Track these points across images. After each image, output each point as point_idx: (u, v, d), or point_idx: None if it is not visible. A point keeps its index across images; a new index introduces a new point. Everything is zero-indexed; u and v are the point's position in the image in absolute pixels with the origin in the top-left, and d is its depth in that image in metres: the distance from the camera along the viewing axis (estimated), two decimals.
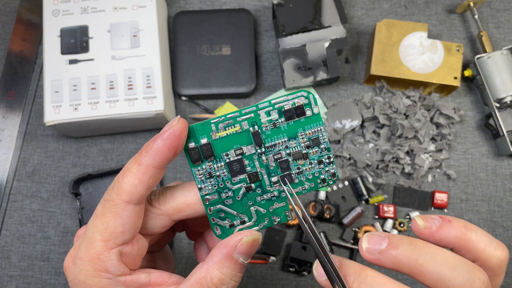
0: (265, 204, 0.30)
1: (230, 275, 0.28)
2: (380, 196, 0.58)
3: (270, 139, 0.29)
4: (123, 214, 0.27)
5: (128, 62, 0.54)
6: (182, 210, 0.29)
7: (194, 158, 0.29)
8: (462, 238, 0.26)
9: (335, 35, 0.57)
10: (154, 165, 0.27)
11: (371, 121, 0.59)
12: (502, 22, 0.63)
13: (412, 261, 0.25)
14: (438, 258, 0.25)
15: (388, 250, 0.26)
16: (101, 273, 0.27)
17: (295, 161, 0.29)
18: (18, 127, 0.60)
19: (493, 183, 0.59)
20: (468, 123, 0.61)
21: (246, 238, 0.28)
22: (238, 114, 0.28)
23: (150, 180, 0.27)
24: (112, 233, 0.27)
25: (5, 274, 0.56)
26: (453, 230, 0.26)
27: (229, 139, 0.29)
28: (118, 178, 0.28)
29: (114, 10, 0.55)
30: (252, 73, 0.59)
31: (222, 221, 0.30)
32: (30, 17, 0.63)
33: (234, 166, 0.29)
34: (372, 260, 0.26)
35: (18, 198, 0.58)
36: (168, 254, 0.36)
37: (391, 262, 0.25)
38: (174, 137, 0.27)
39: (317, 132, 0.29)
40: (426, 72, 0.58)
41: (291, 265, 0.54)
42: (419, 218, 0.27)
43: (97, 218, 0.28)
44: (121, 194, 0.27)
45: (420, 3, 0.64)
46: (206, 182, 0.29)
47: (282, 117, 0.29)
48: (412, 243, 0.26)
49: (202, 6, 0.63)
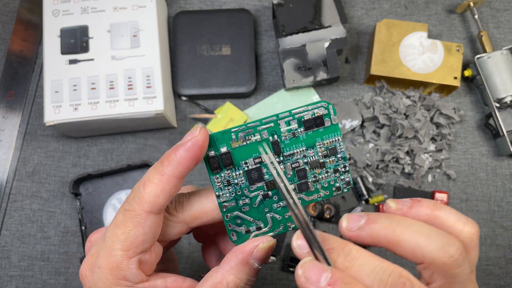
0: (281, 211, 0.30)
1: (245, 280, 0.29)
2: (380, 196, 0.58)
3: (289, 148, 0.29)
4: (144, 224, 0.27)
5: (128, 62, 0.54)
6: (199, 218, 0.30)
7: (214, 166, 0.29)
8: (431, 216, 0.27)
9: (335, 35, 0.57)
10: (177, 175, 0.27)
11: (371, 121, 0.59)
12: (502, 22, 0.63)
13: (389, 232, 0.26)
14: (414, 228, 0.26)
15: (367, 225, 0.26)
16: (121, 281, 0.28)
17: (312, 169, 0.30)
18: (18, 127, 0.60)
19: (493, 183, 0.59)
20: (468, 123, 0.61)
21: (262, 245, 0.29)
22: (258, 124, 0.29)
23: (172, 190, 0.27)
24: (133, 243, 0.27)
25: (5, 274, 0.56)
26: (423, 208, 0.27)
27: (248, 147, 0.29)
28: (139, 187, 0.28)
29: (114, 10, 0.55)
30: (252, 73, 0.59)
31: (238, 227, 0.30)
32: (30, 17, 0.63)
33: (253, 174, 0.29)
34: (352, 237, 0.27)
35: (18, 198, 0.58)
36: (173, 254, 0.37)
37: (370, 236, 0.26)
38: (197, 147, 0.27)
39: (335, 142, 0.30)
40: (426, 72, 0.58)
41: (291, 265, 0.54)
42: (391, 201, 0.28)
43: (118, 228, 0.28)
44: (143, 204, 0.27)
45: (420, 3, 0.64)
46: (224, 189, 0.29)
47: (301, 127, 0.29)
48: (389, 216, 0.27)
49: (202, 6, 0.63)
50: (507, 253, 0.57)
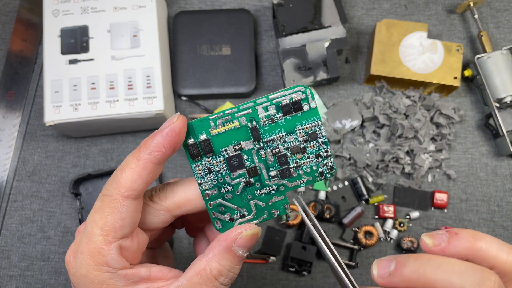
0: (264, 198, 0.30)
1: (228, 267, 0.29)
2: (380, 196, 0.58)
3: (268, 134, 0.29)
4: (121, 208, 0.28)
5: (128, 62, 0.54)
6: (183, 206, 0.30)
7: (194, 154, 0.29)
8: (472, 249, 0.26)
9: (335, 35, 0.57)
10: (153, 161, 0.28)
11: (371, 121, 0.59)
12: (502, 22, 0.63)
13: (421, 275, 0.25)
14: (445, 267, 0.25)
15: (397, 270, 0.26)
16: (102, 267, 0.28)
17: (293, 155, 0.30)
18: (18, 127, 0.60)
19: (493, 183, 0.59)
20: (468, 123, 0.61)
21: (245, 232, 0.29)
22: (236, 110, 0.29)
23: (149, 175, 0.28)
24: (111, 228, 0.28)
25: (5, 274, 0.56)
26: (462, 242, 0.26)
27: (227, 134, 0.29)
28: (117, 173, 0.28)
29: (114, 10, 0.55)
30: (252, 73, 0.59)
31: (222, 215, 0.30)
32: (30, 17, 0.63)
33: (233, 161, 0.29)
34: (385, 284, 0.26)
35: (18, 198, 0.58)
36: (168, 251, 0.37)
37: (402, 281, 0.26)
38: (174, 133, 0.27)
39: (315, 126, 0.29)
40: (426, 72, 0.58)
41: (291, 265, 0.54)
42: (426, 236, 0.27)
43: (96, 213, 0.28)
44: (119, 189, 0.28)
45: (420, 3, 0.64)
46: (205, 177, 0.29)
47: (279, 112, 0.29)
48: (417, 257, 0.26)
49: (202, 6, 0.63)
50: None
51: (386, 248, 0.57)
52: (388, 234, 0.57)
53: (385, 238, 0.57)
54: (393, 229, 0.57)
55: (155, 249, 0.35)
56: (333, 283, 0.56)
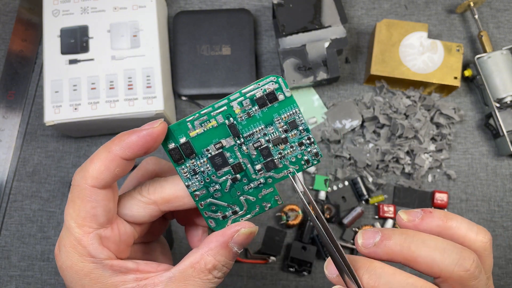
0: (253, 192, 0.30)
1: (223, 262, 0.30)
2: (380, 196, 0.58)
3: (247, 128, 0.29)
4: (90, 198, 0.28)
5: (128, 62, 0.54)
6: (171, 202, 0.30)
7: (176, 157, 0.29)
8: (443, 227, 0.27)
9: (335, 35, 0.57)
10: (122, 156, 0.28)
11: (371, 121, 0.59)
12: (502, 22, 0.63)
13: (404, 249, 0.26)
14: (429, 243, 0.26)
15: (382, 242, 0.27)
16: (86, 257, 0.28)
17: (275, 146, 0.30)
18: (18, 127, 0.60)
19: (493, 183, 0.59)
20: (468, 123, 0.61)
21: (243, 230, 0.29)
22: (211, 109, 0.29)
23: (116, 168, 0.28)
24: (85, 218, 0.28)
25: (5, 274, 0.56)
26: (434, 220, 0.27)
27: (207, 134, 0.29)
28: (86, 163, 0.28)
29: (114, 10, 0.55)
30: (252, 73, 0.59)
31: (214, 213, 0.30)
32: (30, 17, 0.63)
33: (216, 160, 0.29)
34: (368, 254, 0.27)
35: (18, 198, 0.58)
36: (165, 247, 0.37)
37: (386, 253, 0.26)
38: (150, 138, 0.28)
39: (293, 114, 0.29)
40: (426, 72, 0.58)
41: (291, 265, 0.54)
42: (402, 213, 0.28)
43: (69, 205, 0.29)
44: (86, 179, 0.28)
45: (420, 3, 0.64)
46: (192, 179, 0.30)
47: (255, 105, 0.29)
48: (403, 232, 0.27)
49: (202, 6, 0.63)
50: (507, 253, 0.57)
51: None
52: None
53: None
54: None
55: (150, 244, 0.36)
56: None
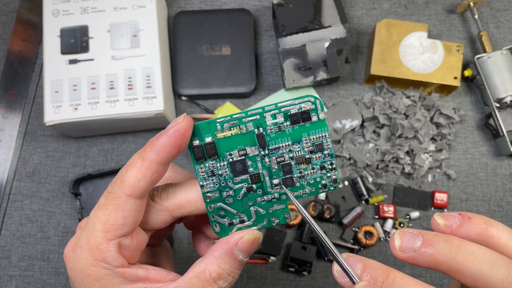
0: (265, 205, 0.30)
1: (228, 271, 0.29)
2: (380, 196, 0.58)
3: (274, 141, 0.29)
4: (124, 207, 0.28)
5: (128, 62, 0.54)
6: (183, 207, 0.30)
7: (198, 156, 0.29)
8: (483, 235, 0.25)
9: (335, 35, 0.57)
10: (158, 161, 0.28)
11: (371, 121, 0.59)
12: (502, 22, 0.63)
13: (449, 259, 0.24)
14: (477, 255, 0.24)
15: (423, 249, 0.25)
16: (100, 263, 0.28)
17: (297, 165, 0.29)
18: (18, 127, 0.60)
19: (493, 183, 0.59)
20: (468, 123, 0.61)
21: (247, 236, 0.29)
22: (244, 115, 0.29)
23: (153, 175, 0.28)
24: (113, 225, 0.28)
25: (5, 274, 0.56)
26: (473, 227, 0.25)
27: (233, 139, 0.29)
28: (122, 171, 0.28)
29: (114, 10, 0.55)
30: (252, 73, 0.59)
31: (221, 219, 0.30)
32: (30, 17, 0.63)
33: (237, 166, 0.29)
34: (406, 259, 0.25)
35: (18, 198, 0.58)
36: (168, 251, 0.37)
37: (428, 261, 0.25)
38: (179, 134, 0.27)
39: (322, 138, 0.29)
40: (426, 72, 0.58)
41: (291, 265, 0.54)
42: (438, 216, 0.26)
43: (99, 209, 0.28)
44: (124, 188, 0.28)
45: (420, 3, 0.64)
46: (208, 180, 0.29)
47: (287, 120, 0.29)
48: (448, 240, 0.25)
49: (202, 6, 0.63)
50: None
51: (386, 248, 0.57)
52: (388, 234, 0.57)
53: (385, 238, 0.57)
54: (393, 229, 0.57)
55: (154, 247, 0.36)
56: (333, 283, 0.56)
